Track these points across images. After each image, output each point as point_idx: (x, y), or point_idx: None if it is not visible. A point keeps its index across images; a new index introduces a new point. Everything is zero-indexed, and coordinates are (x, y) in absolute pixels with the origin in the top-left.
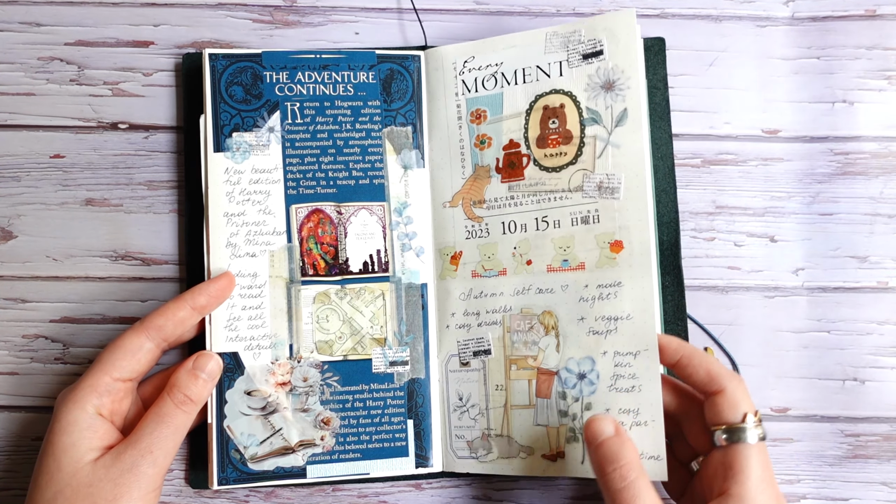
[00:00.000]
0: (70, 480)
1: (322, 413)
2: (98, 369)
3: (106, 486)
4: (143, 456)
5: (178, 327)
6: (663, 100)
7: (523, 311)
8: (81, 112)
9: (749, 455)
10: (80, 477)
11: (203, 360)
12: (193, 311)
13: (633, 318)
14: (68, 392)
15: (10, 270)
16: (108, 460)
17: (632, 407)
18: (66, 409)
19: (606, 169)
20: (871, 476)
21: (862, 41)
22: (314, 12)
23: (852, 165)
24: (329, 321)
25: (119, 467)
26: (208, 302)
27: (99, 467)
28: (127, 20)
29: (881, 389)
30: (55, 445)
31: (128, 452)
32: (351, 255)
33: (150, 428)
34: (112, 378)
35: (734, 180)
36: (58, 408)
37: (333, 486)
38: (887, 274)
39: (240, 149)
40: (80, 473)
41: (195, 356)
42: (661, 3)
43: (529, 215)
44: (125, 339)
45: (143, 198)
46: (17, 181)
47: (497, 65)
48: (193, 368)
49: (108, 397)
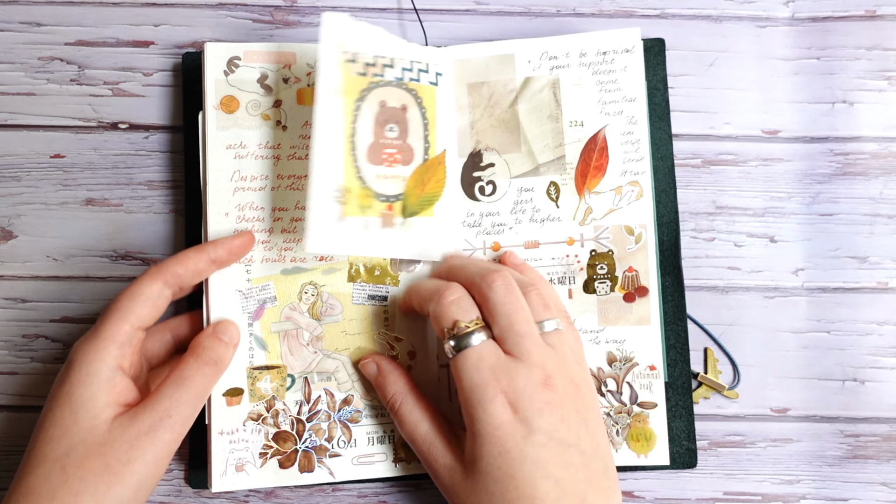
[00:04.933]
0: (85, 436)
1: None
2: (118, 317)
3: (121, 447)
4: (162, 420)
5: (195, 277)
6: (663, 100)
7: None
8: (81, 112)
9: (458, 365)
10: (95, 434)
11: (224, 325)
12: (211, 263)
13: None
14: (86, 342)
15: (10, 270)
16: (126, 420)
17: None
18: (86, 360)
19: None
20: (871, 476)
21: (862, 41)
22: (314, 12)
23: (852, 166)
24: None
25: (136, 428)
26: (227, 257)
27: (115, 426)
28: (127, 20)
29: (881, 390)
30: (72, 397)
31: (146, 414)
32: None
33: (170, 391)
34: (132, 327)
35: (734, 181)
36: (75, 358)
37: (333, 486)
38: (887, 274)
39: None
40: (97, 430)
41: (215, 323)
42: (661, 3)
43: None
44: (143, 285)
45: (144, 198)
46: (17, 181)
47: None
48: (215, 333)
49: (128, 348)
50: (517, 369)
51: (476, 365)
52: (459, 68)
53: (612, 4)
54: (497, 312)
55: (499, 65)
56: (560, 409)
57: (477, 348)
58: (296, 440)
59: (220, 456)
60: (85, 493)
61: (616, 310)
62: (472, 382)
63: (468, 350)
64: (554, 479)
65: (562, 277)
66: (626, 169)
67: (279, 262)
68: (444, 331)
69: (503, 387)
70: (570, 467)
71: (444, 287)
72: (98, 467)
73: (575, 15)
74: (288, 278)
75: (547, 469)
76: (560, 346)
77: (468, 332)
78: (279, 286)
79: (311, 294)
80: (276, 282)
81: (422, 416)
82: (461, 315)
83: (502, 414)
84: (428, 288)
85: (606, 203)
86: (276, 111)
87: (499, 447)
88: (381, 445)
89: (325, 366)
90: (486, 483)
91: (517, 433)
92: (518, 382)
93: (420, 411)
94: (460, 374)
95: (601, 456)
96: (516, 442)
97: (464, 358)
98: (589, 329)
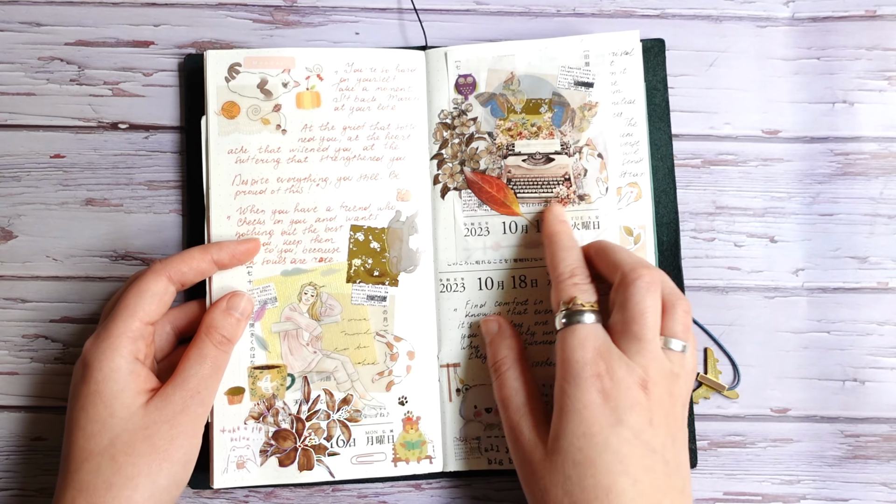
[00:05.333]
0: (126, 425)
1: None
2: (126, 315)
3: (162, 427)
4: (192, 396)
5: (198, 277)
6: (663, 101)
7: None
8: (82, 112)
9: (563, 338)
10: (135, 420)
11: (235, 299)
12: (213, 264)
13: None
14: (100, 341)
15: (10, 270)
16: (159, 402)
17: None
18: (104, 358)
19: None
20: (871, 476)
21: (862, 42)
22: (314, 12)
23: (852, 166)
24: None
25: (171, 408)
26: (230, 261)
27: (151, 410)
28: (127, 20)
29: (881, 390)
30: (102, 393)
31: (177, 394)
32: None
33: (193, 369)
34: (142, 322)
35: (734, 181)
36: (92, 358)
37: (333, 486)
38: (887, 274)
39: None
40: (135, 417)
41: (227, 296)
42: (661, 3)
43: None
44: (149, 282)
45: (144, 198)
46: (17, 181)
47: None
48: (227, 308)
49: (141, 342)
50: (620, 360)
51: (582, 342)
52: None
53: (612, 4)
54: (628, 305)
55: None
56: (650, 414)
57: (588, 326)
58: (295, 439)
59: (221, 453)
60: (139, 475)
61: None
62: (572, 357)
63: (579, 326)
64: (633, 478)
65: None
66: (626, 170)
67: (279, 264)
68: (560, 303)
69: (601, 371)
70: (651, 472)
71: (577, 267)
72: (146, 450)
73: (575, 15)
74: (288, 279)
75: (627, 465)
76: (674, 365)
77: (583, 309)
78: (279, 287)
79: (310, 295)
80: (276, 283)
81: (521, 387)
82: (581, 295)
83: (594, 396)
84: (564, 259)
85: (610, 204)
86: (276, 115)
87: (584, 428)
88: (381, 445)
89: (324, 365)
90: (565, 464)
91: (604, 419)
92: (617, 373)
93: (522, 382)
94: (564, 347)
95: (682, 474)
96: (602, 427)
97: (572, 332)
98: None
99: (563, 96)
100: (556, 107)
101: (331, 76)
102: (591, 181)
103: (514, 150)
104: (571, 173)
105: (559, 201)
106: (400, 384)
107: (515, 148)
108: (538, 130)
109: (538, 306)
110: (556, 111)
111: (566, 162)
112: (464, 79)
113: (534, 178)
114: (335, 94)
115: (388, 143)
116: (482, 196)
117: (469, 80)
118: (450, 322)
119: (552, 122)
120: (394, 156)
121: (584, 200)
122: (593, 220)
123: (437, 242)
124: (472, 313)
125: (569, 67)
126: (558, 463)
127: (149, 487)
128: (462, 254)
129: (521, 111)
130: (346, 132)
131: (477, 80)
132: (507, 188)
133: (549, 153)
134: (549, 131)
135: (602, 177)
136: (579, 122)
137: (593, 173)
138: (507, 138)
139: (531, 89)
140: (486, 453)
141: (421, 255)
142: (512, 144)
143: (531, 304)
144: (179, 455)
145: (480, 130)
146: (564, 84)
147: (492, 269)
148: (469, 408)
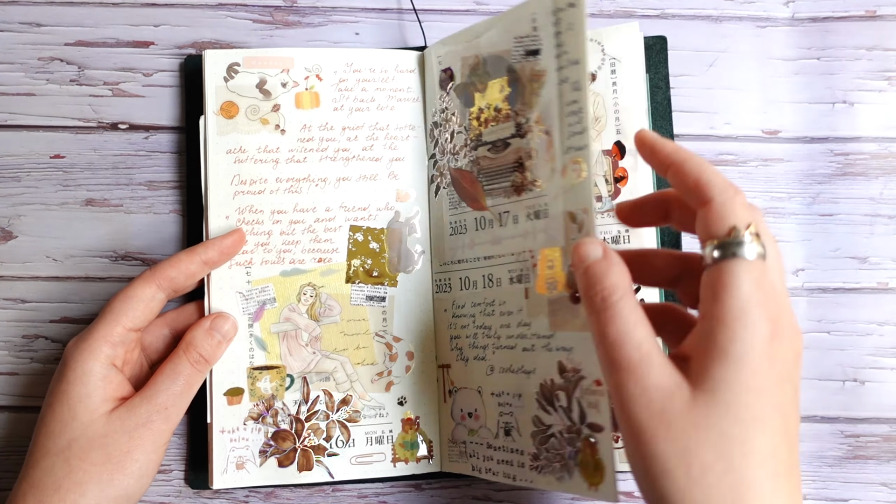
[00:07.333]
0: (85, 430)
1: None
2: (110, 319)
3: (121, 437)
4: (158, 411)
5: (188, 280)
6: (665, 99)
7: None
8: (81, 112)
9: (733, 271)
10: (95, 427)
11: (220, 321)
12: (204, 265)
13: None
14: (80, 342)
15: (10, 270)
16: (123, 413)
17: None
18: (80, 359)
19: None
20: (871, 477)
21: (862, 42)
22: (314, 12)
23: (852, 166)
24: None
25: (134, 420)
26: (219, 257)
27: (114, 419)
28: (127, 20)
29: (881, 390)
30: (69, 395)
31: (143, 406)
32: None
33: (165, 384)
34: (125, 328)
35: (734, 181)
36: (69, 357)
37: (333, 487)
38: (887, 274)
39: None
40: (96, 424)
41: (212, 316)
42: (661, 3)
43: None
44: (136, 288)
45: (144, 198)
46: (17, 181)
47: None
48: (210, 328)
49: (121, 348)
50: (786, 305)
51: (759, 279)
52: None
53: (612, 4)
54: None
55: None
56: (801, 369)
57: (758, 262)
58: (294, 439)
59: (221, 454)
60: (89, 482)
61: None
62: (748, 294)
63: (750, 261)
64: (789, 448)
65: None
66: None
67: (278, 264)
68: (735, 228)
69: (773, 316)
70: (793, 449)
71: (735, 187)
72: (100, 458)
73: None
74: (287, 280)
75: (788, 428)
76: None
77: (750, 241)
78: (278, 287)
79: (309, 295)
80: (275, 283)
81: (641, 319)
82: (749, 220)
83: (767, 344)
84: (718, 173)
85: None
86: (275, 115)
87: (755, 381)
88: (380, 445)
89: (323, 366)
90: (720, 418)
91: (774, 373)
92: (782, 321)
93: (640, 314)
94: (733, 281)
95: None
96: (772, 383)
97: (747, 266)
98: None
99: (516, 70)
100: (512, 84)
101: (330, 76)
102: (541, 163)
103: (481, 140)
104: (523, 157)
105: (515, 192)
106: (399, 384)
107: (482, 137)
108: (498, 115)
109: (502, 307)
110: (512, 89)
111: (519, 145)
112: (444, 73)
113: (497, 168)
114: (334, 95)
115: (387, 143)
116: (460, 192)
117: (448, 73)
118: (441, 323)
119: (508, 102)
120: (393, 156)
121: (535, 186)
122: (542, 207)
123: (432, 243)
124: (456, 314)
125: (520, 37)
126: (711, 416)
127: (97, 496)
128: (449, 253)
129: (486, 96)
130: (345, 132)
131: (454, 71)
132: (477, 181)
133: (506, 137)
134: (506, 113)
135: (548, 156)
136: (529, 97)
137: (542, 153)
138: (477, 127)
139: (493, 70)
140: (469, 459)
141: (419, 256)
142: (480, 134)
143: (497, 305)
144: (134, 468)
145: (460, 124)
146: (517, 57)
147: (469, 269)
148: (457, 410)
